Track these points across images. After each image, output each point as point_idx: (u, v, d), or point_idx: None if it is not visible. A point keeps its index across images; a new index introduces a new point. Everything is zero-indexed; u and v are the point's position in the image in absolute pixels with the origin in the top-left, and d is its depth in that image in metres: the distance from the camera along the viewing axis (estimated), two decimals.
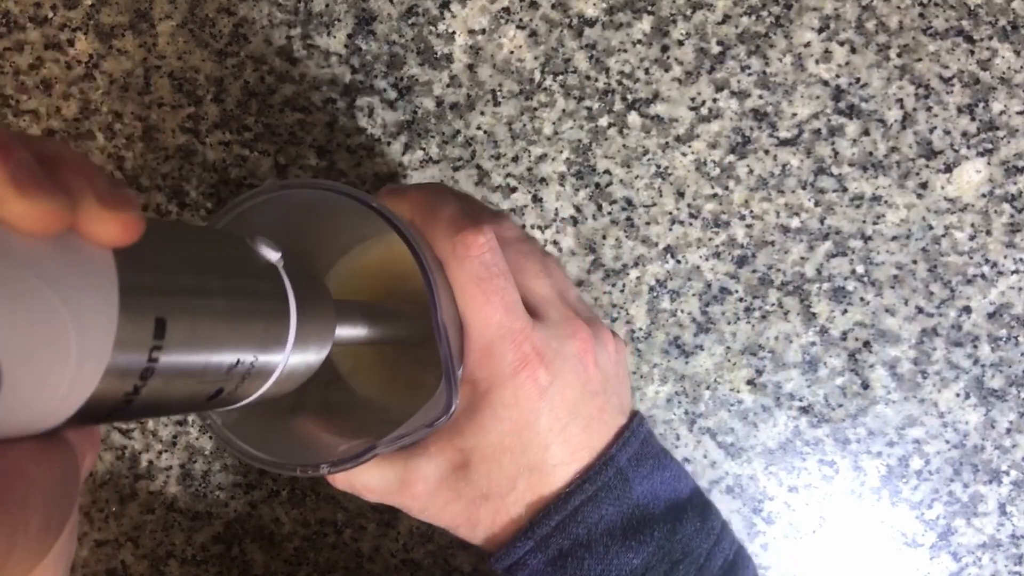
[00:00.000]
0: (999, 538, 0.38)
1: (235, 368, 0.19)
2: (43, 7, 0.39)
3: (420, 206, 0.26)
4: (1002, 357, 0.38)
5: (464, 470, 0.27)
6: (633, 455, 0.28)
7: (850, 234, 0.38)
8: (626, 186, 0.38)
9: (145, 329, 0.16)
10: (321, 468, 0.24)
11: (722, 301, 0.38)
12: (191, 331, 0.17)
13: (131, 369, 0.16)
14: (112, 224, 0.15)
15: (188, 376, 0.18)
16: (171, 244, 0.18)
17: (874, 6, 0.38)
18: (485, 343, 0.25)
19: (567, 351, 0.27)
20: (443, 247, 0.25)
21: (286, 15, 0.38)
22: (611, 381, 0.28)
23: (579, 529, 0.26)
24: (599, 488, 0.26)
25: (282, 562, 0.39)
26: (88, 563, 0.39)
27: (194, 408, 0.19)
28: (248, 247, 0.21)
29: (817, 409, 0.38)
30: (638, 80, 0.38)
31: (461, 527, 0.28)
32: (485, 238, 0.25)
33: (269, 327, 0.20)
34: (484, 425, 0.26)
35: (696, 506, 0.28)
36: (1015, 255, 0.38)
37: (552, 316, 0.27)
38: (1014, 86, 0.38)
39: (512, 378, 0.26)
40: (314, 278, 0.24)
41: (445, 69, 0.38)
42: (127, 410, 0.17)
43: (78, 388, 0.14)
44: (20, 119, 0.39)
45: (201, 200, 0.39)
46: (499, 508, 0.27)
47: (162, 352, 0.16)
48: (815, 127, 0.38)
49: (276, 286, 0.21)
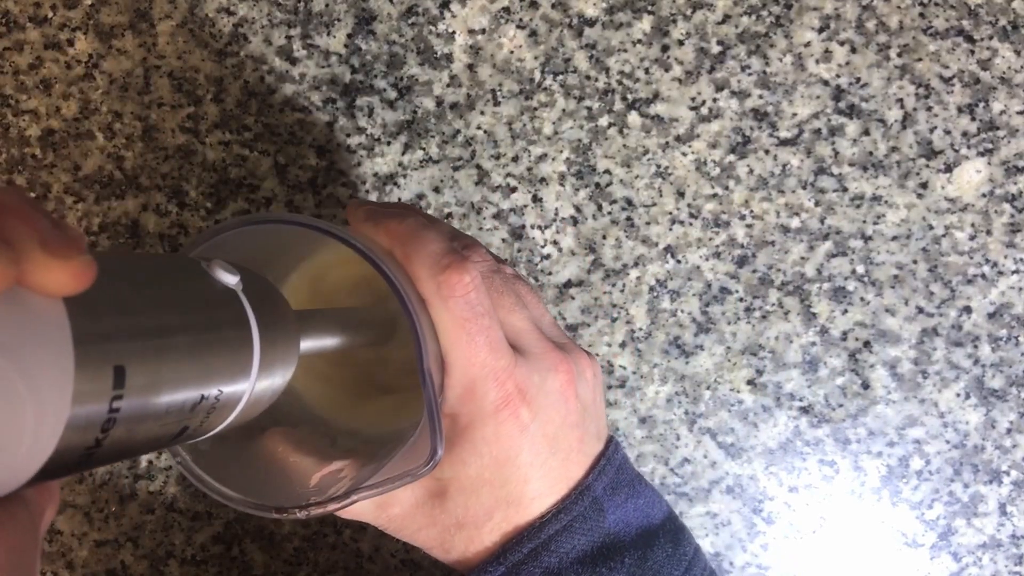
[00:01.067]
0: (999, 538, 0.38)
1: (200, 404, 0.18)
2: (43, 7, 0.38)
3: (400, 239, 0.26)
4: (1002, 357, 0.38)
5: (440, 499, 0.27)
6: (608, 483, 0.28)
7: (850, 234, 0.38)
8: (626, 186, 0.38)
9: (104, 380, 0.15)
10: (298, 512, 0.24)
11: (722, 301, 0.38)
12: (152, 374, 0.16)
13: (92, 423, 0.15)
14: (61, 273, 0.14)
15: (152, 420, 0.17)
16: (125, 281, 0.17)
17: (874, 6, 0.38)
18: (468, 381, 0.25)
19: (549, 386, 0.27)
20: (426, 286, 0.25)
21: (286, 15, 0.38)
22: (589, 410, 0.28)
23: (551, 558, 0.26)
24: (573, 518, 0.26)
25: (282, 562, 0.39)
26: (88, 563, 0.39)
27: (159, 448, 0.19)
28: (205, 273, 0.20)
29: (817, 409, 0.38)
30: (638, 80, 0.38)
31: (434, 550, 0.28)
32: (470, 277, 0.25)
33: (233, 357, 0.19)
34: (463, 459, 0.26)
35: (668, 532, 0.28)
36: (1015, 255, 0.38)
37: (532, 350, 0.27)
38: (1014, 86, 0.37)
39: (494, 415, 0.25)
40: (274, 295, 0.23)
41: (445, 69, 0.38)
42: (88, 462, 0.16)
43: (36, 452, 0.14)
44: (20, 119, 0.39)
45: (201, 200, 0.39)
46: (473, 537, 0.27)
47: (123, 400, 0.15)
48: (815, 127, 0.38)
49: (237, 312, 0.20)
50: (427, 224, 0.27)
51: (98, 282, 0.14)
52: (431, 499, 0.27)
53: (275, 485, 0.26)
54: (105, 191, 0.39)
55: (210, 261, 0.20)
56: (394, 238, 0.26)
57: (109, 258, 0.17)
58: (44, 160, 0.39)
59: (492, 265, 0.28)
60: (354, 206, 0.28)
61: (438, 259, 0.25)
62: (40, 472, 0.14)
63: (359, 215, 0.27)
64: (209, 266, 0.20)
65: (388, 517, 0.27)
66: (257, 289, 0.21)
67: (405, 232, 0.26)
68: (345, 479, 0.25)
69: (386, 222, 0.26)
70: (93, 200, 0.39)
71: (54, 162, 0.39)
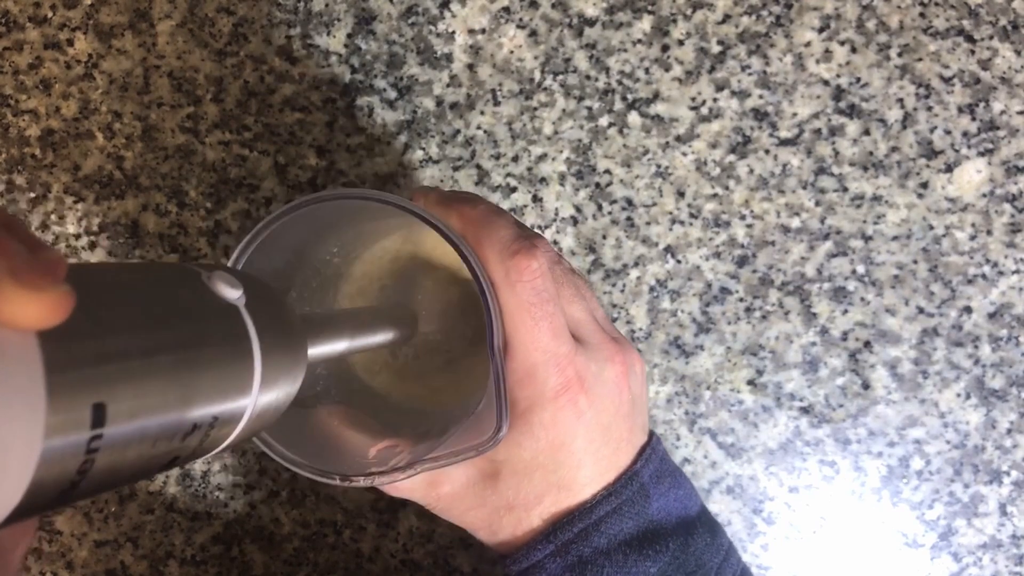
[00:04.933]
0: (1000, 538, 0.38)
1: (193, 432, 0.17)
2: (42, 7, 0.38)
3: (473, 223, 0.27)
4: (1003, 357, 0.38)
5: (493, 480, 0.27)
6: (654, 472, 0.28)
7: (851, 234, 0.38)
8: (626, 186, 0.38)
9: (81, 419, 0.13)
10: (362, 480, 0.24)
11: (722, 301, 0.38)
12: (137, 405, 0.15)
13: (67, 466, 0.14)
14: (34, 307, 0.12)
15: (138, 453, 0.15)
16: (109, 302, 0.15)
17: (874, 6, 0.38)
18: (529, 365, 0.26)
19: (606, 376, 0.27)
20: (496, 270, 0.26)
21: (286, 14, 0.38)
22: (638, 402, 0.29)
23: (600, 539, 0.26)
24: (623, 502, 0.27)
25: (282, 563, 0.39)
26: (87, 563, 0.39)
27: (148, 476, 0.17)
28: (202, 286, 0.18)
29: (818, 409, 0.38)
30: (638, 80, 0.38)
31: (480, 531, 0.28)
32: (538, 263, 0.26)
33: (230, 377, 0.18)
34: (519, 442, 0.26)
35: (705, 523, 0.29)
36: (1016, 255, 0.38)
37: (590, 340, 0.28)
38: (1015, 86, 0.37)
39: (553, 401, 0.26)
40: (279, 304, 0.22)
41: (445, 69, 0.38)
42: (66, 500, 0.15)
43: (3, 498, 0.13)
44: (19, 119, 0.39)
45: (201, 200, 0.39)
46: (522, 519, 0.27)
47: (103, 439, 0.14)
48: (815, 127, 0.38)
49: (236, 328, 0.18)
50: (497, 211, 0.27)
51: (78, 305, 0.13)
52: (483, 480, 0.27)
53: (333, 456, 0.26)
54: (105, 191, 0.39)
55: (212, 273, 0.19)
56: (467, 222, 0.27)
57: (93, 275, 0.15)
58: (44, 160, 0.39)
59: (555, 256, 0.28)
60: (424, 190, 0.29)
61: (508, 244, 0.26)
62: (11, 514, 0.13)
63: (431, 198, 0.28)
64: (210, 278, 0.19)
65: (438, 495, 0.27)
66: (261, 300, 0.20)
67: (478, 217, 0.27)
68: (402, 454, 0.26)
69: (459, 206, 0.27)
70: (93, 200, 0.39)
71: (54, 162, 0.39)
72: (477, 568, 0.39)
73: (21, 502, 0.13)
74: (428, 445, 0.25)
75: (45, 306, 0.12)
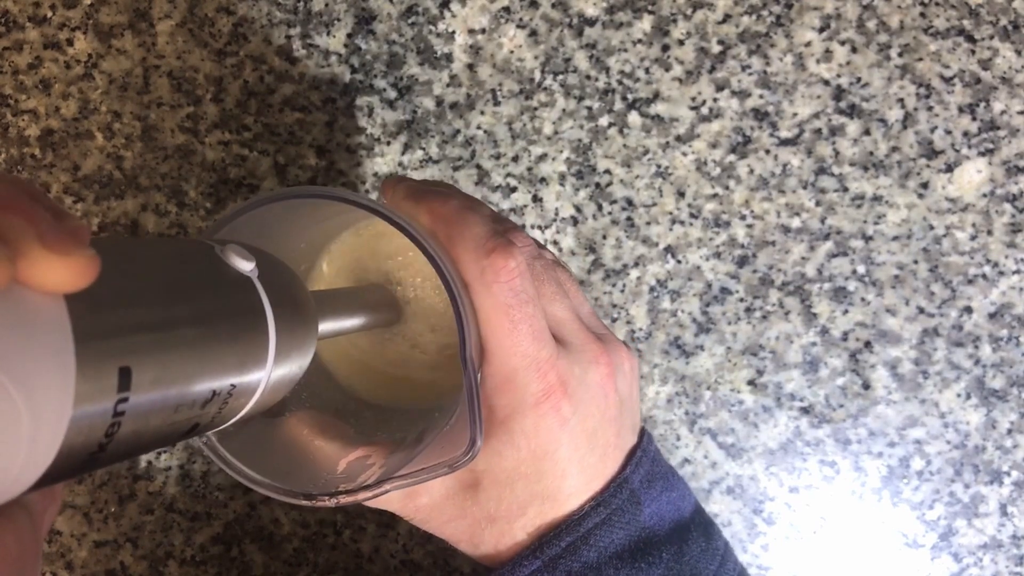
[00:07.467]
0: (1000, 539, 0.38)
1: (212, 399, 0.17)
2: (42, 6, 0.38)
3: (444, 220, 0.25)
4: (1003, 357, 0.38)
5: (473, 490, 0.26)
6: (644, 476, 0.27)
7: (851, 234, 0.38)
8: (626, 186, 0.38)
9: (108, 383, 0.14)
10: (328, 500, 0.23)
11: (723, 301, 0.38)
12: (161, 372, 0.15)
13: (94, 430, 0.14)
14: (61, 270, 0.13)
15: (161, 418, 0.16)
16: (132, 273, 0.16)
17: (875, 6, 0.38)
18: (508, 371, 0.24)
19: (590, 379, 0.26)
20: (470, 270, 0.24)
21: (285, 14, 0.38)
22: (626, 403, 0.27)
23: (590, 552, 0.25)
24: (612, 511, 0.26)
25: (281, 563, 0.39)
26: (87, 564, 0.39)
27: (169, 444, 0.18)
28: (218, 259, 0.19)
29: (818, 409, 0.38)
30: (638, 80, 0.38)
31: (462, 543, 0.27)
32: (516, 263, 0.24)
33: (247, 348, 0.18)
34: (499, 451, 0.25)
35: (699, 526, 0.28)
36: (1016, 255, 0.38)
37: (573, 341, 0.26)
38: (1015, 86, 0.37)
39: (534, 408, 0.24)
40: (291, 279, 0.22)
41: (445, 69, 0.38)
42: (93, 464, 0.15)
43: (35, 459, 0.13)
44: (19, 119, 0.39)
45: (200, 200, 0.38)
46: (505, 531, 0.26)
47: (128, 403, 0.14)
48: (816, 127, 0.38)
49: (251, 300, 0.19)
50: (471, 205, 0.25)
51: (102, 275, 0.13)
52: (463, 491, 0.26)
53: (301, 470, 0.25)
54: (104, 191, 0.39)
55: (224, 246, 0.19)
56: (437, 219, 0.25)
57: (114, 247, 0.16)
58: (43, 160, 0.39)
59: (534, 250, 0.27)
60: (393, 182, 0.27)
61: (483, 242, 0.24)
62: (41, 479, 0.14)
63: (399, 192, 0.26)
64: (223, 251, 0.19)
65: (416, 507, 0.26)
66: (273, 273, 0.20)
67: (449, 213, 0.25)
68: (374, 466, 0.25)
69: (429, 201, 0.25)
70: (92, 200, 0.39)
71: (53, 162, 0.39)
72: (476, 569, 0.39)
73: (50, 467, 0.13)
74: (402, 456, 0.24)
75: (72, 269, 0.13)
